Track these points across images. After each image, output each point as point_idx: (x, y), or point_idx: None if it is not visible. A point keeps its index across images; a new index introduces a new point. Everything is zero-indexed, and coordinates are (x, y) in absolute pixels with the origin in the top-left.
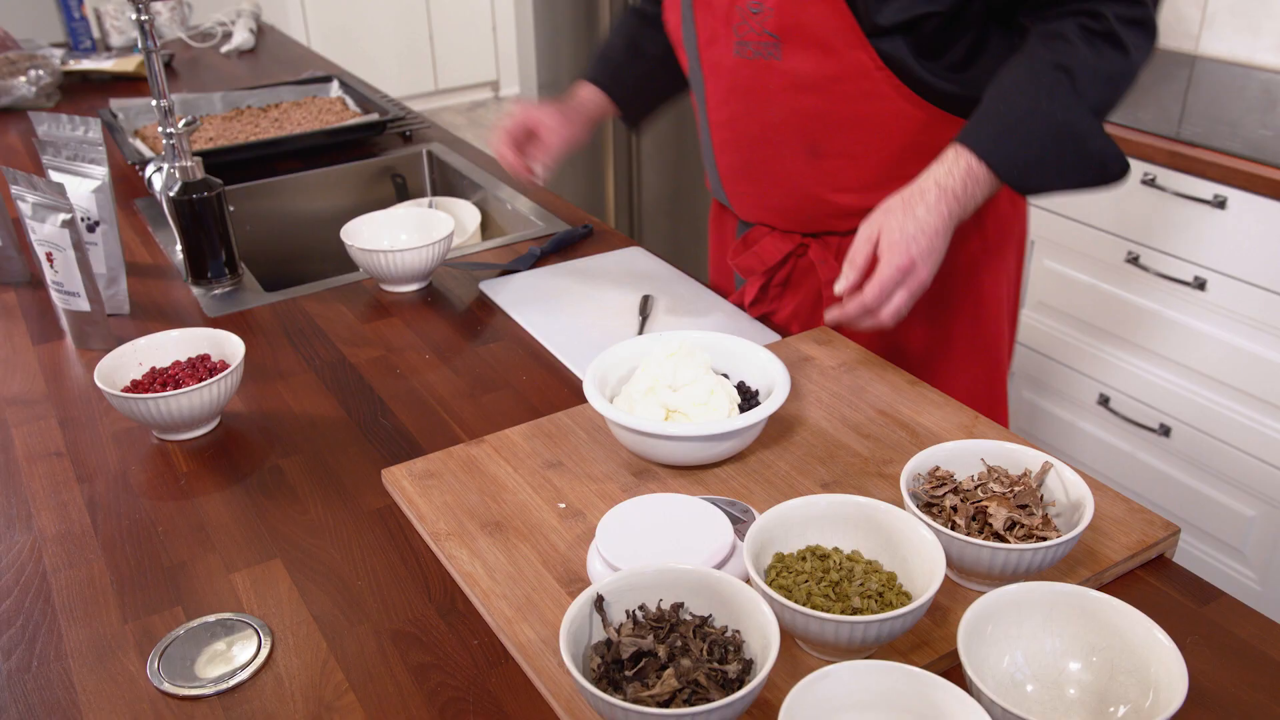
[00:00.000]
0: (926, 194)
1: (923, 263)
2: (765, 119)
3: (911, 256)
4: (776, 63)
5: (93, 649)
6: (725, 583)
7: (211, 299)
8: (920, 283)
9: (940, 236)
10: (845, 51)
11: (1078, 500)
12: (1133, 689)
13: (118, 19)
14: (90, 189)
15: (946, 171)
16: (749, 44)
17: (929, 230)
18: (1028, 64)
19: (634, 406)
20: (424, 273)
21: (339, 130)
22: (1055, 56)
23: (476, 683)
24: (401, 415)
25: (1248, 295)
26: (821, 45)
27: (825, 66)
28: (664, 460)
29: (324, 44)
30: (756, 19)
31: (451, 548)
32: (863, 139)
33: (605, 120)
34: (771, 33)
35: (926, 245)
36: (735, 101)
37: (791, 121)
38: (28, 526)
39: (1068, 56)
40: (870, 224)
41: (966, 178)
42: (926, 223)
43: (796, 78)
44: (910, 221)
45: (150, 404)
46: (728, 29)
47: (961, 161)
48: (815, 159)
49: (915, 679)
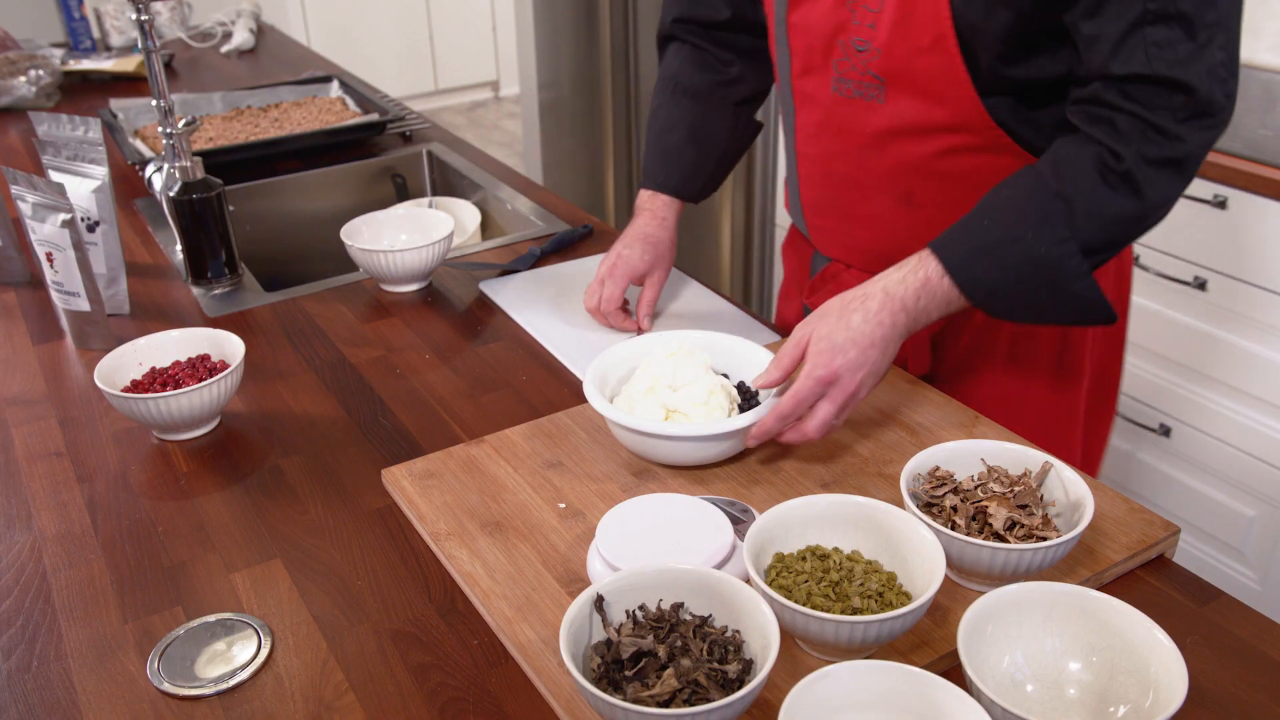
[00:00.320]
0: (869, 300)
1: (849, 375)
2: (859, 160)
3: (834, 369)
4: (878, 105)
5: (93, 649)
6: (725, 583)
7: (211, 299)
8: (848, 395)
9: (875, 348)
10: (954, 104)
11: (1078, 500)
12: (1133, 689)
13: (118, 19)
14: (90, 189)
15: (900, 280)
16: (849, 82)
17: (861, 341)
18: (1029, 184)
19: (634, 406)
20: (424, 273)
21: (339, 130)
22: (1060, 184)
23: (476, 683)
24: (401, 415)
25: (1248, 295)
26: (929, 95)
27: (930, 116)
28: (664, 460)
29: (324, 44)
30: (861, 58)
31: (451, 548)
32: (960, 190)
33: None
34: (876, 75)
35: (856, 358)
36: (827, 138)
37: (887, 166)
38: (28, 526)
39: (1072, 186)
40: (803, 326)
41: (921, 290)
42: (860, 332)
43: (898, 123)
44: (841, 330)
45: (150, 404)
46: (826, 62)
47: (921, 272)
48: (908, 206)
49: (915, 679)
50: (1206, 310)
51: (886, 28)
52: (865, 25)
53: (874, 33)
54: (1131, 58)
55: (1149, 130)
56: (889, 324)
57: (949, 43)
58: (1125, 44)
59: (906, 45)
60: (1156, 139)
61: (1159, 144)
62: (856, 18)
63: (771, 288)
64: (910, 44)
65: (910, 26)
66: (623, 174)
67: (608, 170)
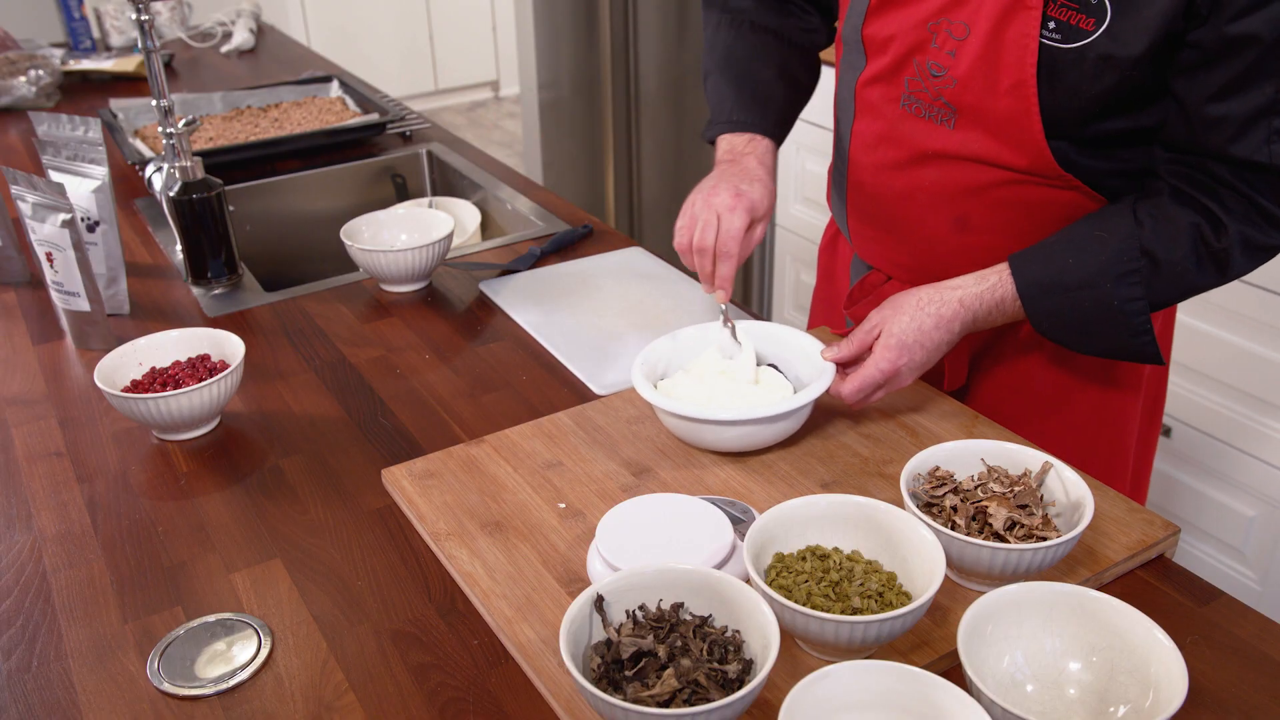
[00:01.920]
0: (944, 306)
1: (908, 373)
2: (916, 179)
3: (898, 366)
4: (946, 130)
5: (93, 649)
6: (725, 583)
7: (211, 299)
8: (900, 385)
9: (939, 351)
10: (1022, 148)
11: (1078, 500)
12: (1133, 689)
13: (118, 19)
14: (90, 189)
15: (978, 295)
16: (919, 102)
17: (928, 345)
18: (1122, 232)
19: (680, 392)
20: (424, 273)
21: (339, 130)
22: (1153, 243)
23: (476, 683)
24: (401, 415)
25: (1248, 295)
26: (998, 135)
27: (997, 154)
28: (714, 447)
29: (324, 44)
30: (935, 82)
31: (451, 548)
32: (1018, 220)
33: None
34: (949, 103)
35: (921, 360)
36: (886, 150)
37: (945, 188)
38: (28, 526)
39: (1164, 249)
40: (877, 313)
41: (995, 309)
42: (930, 338)
43: (963, 151)
44: (913, 331)
45: (150, 404)
46: (898, 77)
47: (999, 292)
48: (962, 230)
49: (915, 679)
50: (1207, 310)
51: (968, 60)
52: (945, 51)
53: (954, 61)
54: (1255, 145)
55: (1254, 214)
56: (956, 332)
57: (1028, 90)
58: (1251, 130)
59: (984, 82)
60: (1261, 224)
61: (1263, 230)
62: (937, 41)
63: (771, 288)
64: (988, 82)
65: (993, 65)
66: (623, 174)
67: (608, 170)
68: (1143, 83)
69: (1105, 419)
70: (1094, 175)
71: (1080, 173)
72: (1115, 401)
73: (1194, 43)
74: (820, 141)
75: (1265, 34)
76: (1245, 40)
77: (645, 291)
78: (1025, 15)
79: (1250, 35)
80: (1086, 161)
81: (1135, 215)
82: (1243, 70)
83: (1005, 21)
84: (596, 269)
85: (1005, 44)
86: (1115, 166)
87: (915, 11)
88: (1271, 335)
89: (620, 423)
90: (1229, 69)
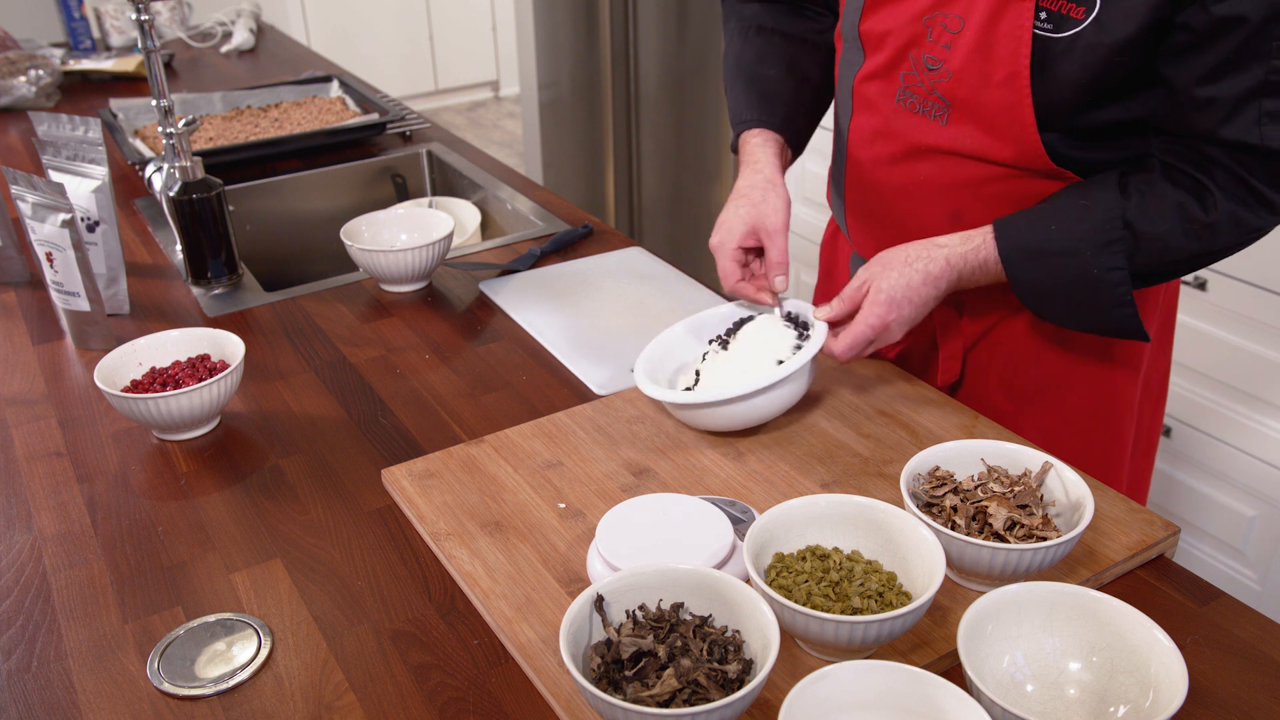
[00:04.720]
0: (932, 264)
1: (898, 328)
2: (912, 173)
3: (887, 321)
4: (940, 126)
5: (93, 649)
6: (725, 583)
7: (211, 299)
8: (889, 340)
9: (926, 306)
10: (1015, 142)
11: (1078, 500)
12: (1133, 689)
13: (118, 19)
14: (90, 189)
15: (963, 254)
16: (914, 97)
17: (916, 300)
18: (1106, 202)
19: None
20: (424, 273)
21: (339, 130)
22: (1136, 215)
23: (476, 683)
24: (401, 415)
25: (1248, 295)
26: (991, 129)
27: (990, 149)
28: (725, 427)
29: (324, 44)
30: (930, 76)
31: (451, 548)
32: (1008, 211)
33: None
34: (943, 97)
35: (909, 315)
36: (882, 145)
37: (940, 182)
38: (28, 526)
39: (1147, 222)
40: (865, 270)
41: (979, 269)
42: (918, 293)
43: (956, 146)
44: (901, 287)
45: (150, 404)
46: (893, 73)
47: (982, 253)
48: (956, 226)
49: (915, 679)
50: (1207, 310)
51: (963, 52)
52: (940, 45)
53: (948, 54)
54: (1245, 127)
55: (1246, 194)
56: (944, 289)
57: (1021, 81)
58: (1240, 111)
59: (978, 75)
60: (1253, 205)
61: (1254, 210)
62: (932, 35)
63: None
64: (982, 75)
65: (987, 57)
66: (623, 174)
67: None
68: (1133, 70)
69: (1101, 413)
70: (1085, 168)
71: (1071, 165)
72: (1111, 395)
73: (1182, 25)
74: (820, 141)
75: (1253, 15)
76: (1233, 21)
77: (645, 291)
78: (1018, 6)
79: (1238, 16)
80: (1077, 154)
81: (1123, 187)
82: (1231, 52)
83: (999, 14)
84: (596, 269)
85: (999, 36)
86: (1106, 158)
87: (910, 6)
88: (1271, 335)
89: (620, 423)
90: (1218, 51)
